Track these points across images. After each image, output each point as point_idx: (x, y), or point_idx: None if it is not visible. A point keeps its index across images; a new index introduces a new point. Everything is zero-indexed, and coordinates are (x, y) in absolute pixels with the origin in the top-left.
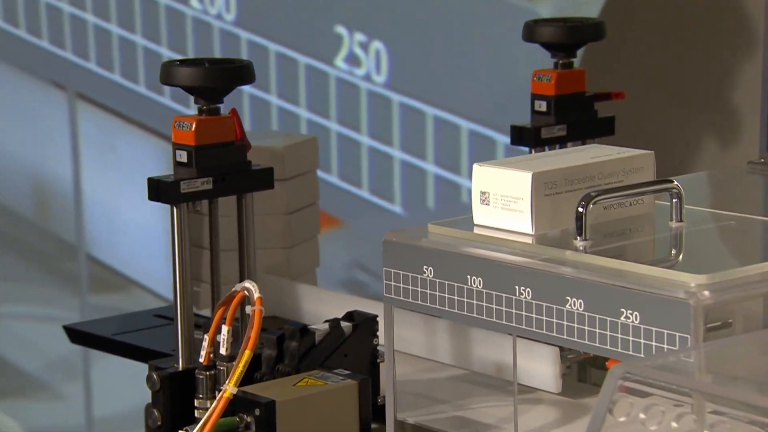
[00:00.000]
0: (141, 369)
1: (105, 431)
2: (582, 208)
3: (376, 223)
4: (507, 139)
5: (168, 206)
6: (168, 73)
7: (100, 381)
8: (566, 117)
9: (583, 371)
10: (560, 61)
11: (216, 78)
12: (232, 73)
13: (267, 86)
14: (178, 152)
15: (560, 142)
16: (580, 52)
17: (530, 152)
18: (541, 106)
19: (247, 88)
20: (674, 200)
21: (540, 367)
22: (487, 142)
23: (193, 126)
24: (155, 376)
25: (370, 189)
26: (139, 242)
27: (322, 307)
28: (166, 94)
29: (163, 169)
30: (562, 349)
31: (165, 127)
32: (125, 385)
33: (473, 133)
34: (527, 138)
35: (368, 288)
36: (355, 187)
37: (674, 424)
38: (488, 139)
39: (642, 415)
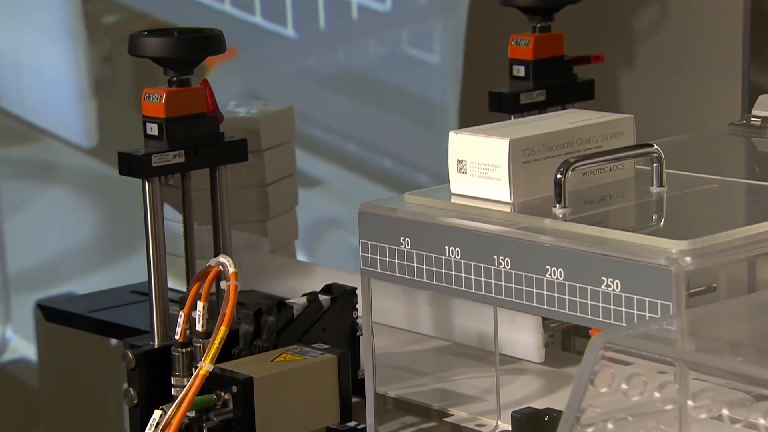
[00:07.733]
0: None
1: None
2: (560, 174)
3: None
4: None
5: None
6: (136, 45)
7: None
8: (545, 82)
9: (567, 340)
10: (538, 25)
11: (186, 48)
12: (202, 43)
13: None
14: (148, 125)
15: (539, 108)
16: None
17: (510, 119)
18: (519, 71)
19: None
20: (655, 165)
21: (522, 337)
22: None
23: (163, 98)
24: (130, 354)
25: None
26: (49, 90)
27: (299, 280)
28: None
29: (68, 8)
30: (544, 318)
31: None
32: None
33: None
34: (506, 104)
35: None
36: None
37: (657, 394)
38: None
39: (624, 386)
